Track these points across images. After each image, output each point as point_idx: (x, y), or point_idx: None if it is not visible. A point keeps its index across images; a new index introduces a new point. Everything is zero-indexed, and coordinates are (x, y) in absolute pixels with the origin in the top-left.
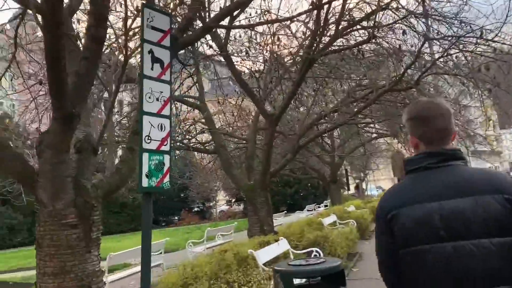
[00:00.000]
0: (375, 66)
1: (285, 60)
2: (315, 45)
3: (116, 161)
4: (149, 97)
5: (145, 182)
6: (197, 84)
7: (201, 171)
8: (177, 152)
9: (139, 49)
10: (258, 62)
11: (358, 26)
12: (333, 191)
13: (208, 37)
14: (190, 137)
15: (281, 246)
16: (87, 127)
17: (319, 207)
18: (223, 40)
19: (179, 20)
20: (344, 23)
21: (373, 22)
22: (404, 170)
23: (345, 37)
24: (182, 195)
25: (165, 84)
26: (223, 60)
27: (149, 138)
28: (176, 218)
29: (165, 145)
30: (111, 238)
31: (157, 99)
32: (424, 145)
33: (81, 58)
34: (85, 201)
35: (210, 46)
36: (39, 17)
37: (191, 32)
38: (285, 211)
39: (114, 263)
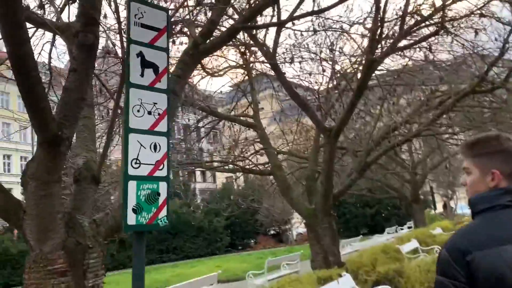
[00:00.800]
0: (452, 69)
1: (345, 69)
2: (376, 45)
3: None
4: (138, 110)
5: (131, 219)
6: (251, 101)
7: (265, 194)
8: (238, 174)
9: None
10: (314, 74)
11: (425, 23)
12: (416, 211)
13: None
14: (243, 158)
15: (343, 283)
16: (90, 152)
17: (401, 229)
18: (271, 49)
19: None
20: (409, 20)
21: (441, 13)
22: (472, 210)
23: (413, 36)
24: (257, 218)
25: (160, 93)
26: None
27: (138, 161)
28: (252, 241)
29: (161, 169)
30: (187, 264)
31: (149, 113)
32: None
33: (69, 70)
34: (77, 242)
35: (244, 54)
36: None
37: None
38: (361, 235)
39: None
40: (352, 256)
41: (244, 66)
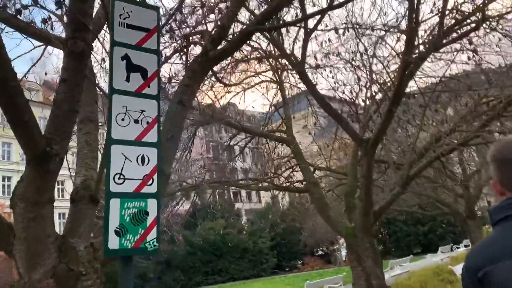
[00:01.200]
0: (502, 71)
1: (382, 76)
2: (411, 45)
3: None
4: (122, 119)
5: (114, 242)
6: (284, 116)
7: (305, 213)
8: (275, 192)
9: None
10: (350, 85)
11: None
12: (472, 228)
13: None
14: (276, 175)
15: None
16: (90, 170)
17: (457, 247)
18: (299, 58)
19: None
20: (449, 21)
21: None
22: (491, 221)
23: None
24: (300, 238)
25: (149, 100)
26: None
27: (122, 176)
28: (299, 262)
29: (150, 184)
30: (232, 286)
31: (136, 121)
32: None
33: (59, 80)
34: (69, 268)
35: (261, 59)
36: None
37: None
38: (411, 255)
39: None
40: (400, 278)
41: (276, 80)
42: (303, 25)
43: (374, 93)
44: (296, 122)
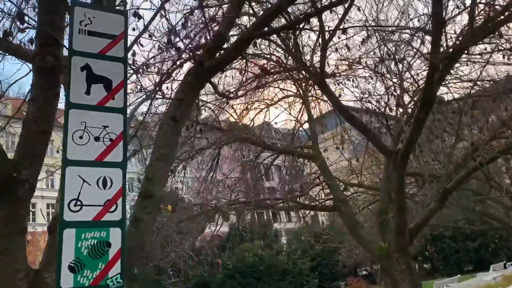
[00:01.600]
0: None
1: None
2: (438, 46)
3: None
4: (80, 137)
5: (67, 280)
6: (309, 131)
7: (339, 231)
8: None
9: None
10: (378, 94)
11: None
12: None
13: None
14: (303, 193)
15: None
16: None
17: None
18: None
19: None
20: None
21: None
22: None
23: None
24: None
25: (114, 113)
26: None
27: (78, 203)
28: (342, 283)
29: (113, 211)
30: None
31: (97, 139)
32: None
33: (28, 100)
34: None
35: (267, 71)
36: None
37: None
38: (459, 275)
39: None
40: None
41: (300, 94)
42: (314, 28)
43: (404, 102)
44: (328, 138)
